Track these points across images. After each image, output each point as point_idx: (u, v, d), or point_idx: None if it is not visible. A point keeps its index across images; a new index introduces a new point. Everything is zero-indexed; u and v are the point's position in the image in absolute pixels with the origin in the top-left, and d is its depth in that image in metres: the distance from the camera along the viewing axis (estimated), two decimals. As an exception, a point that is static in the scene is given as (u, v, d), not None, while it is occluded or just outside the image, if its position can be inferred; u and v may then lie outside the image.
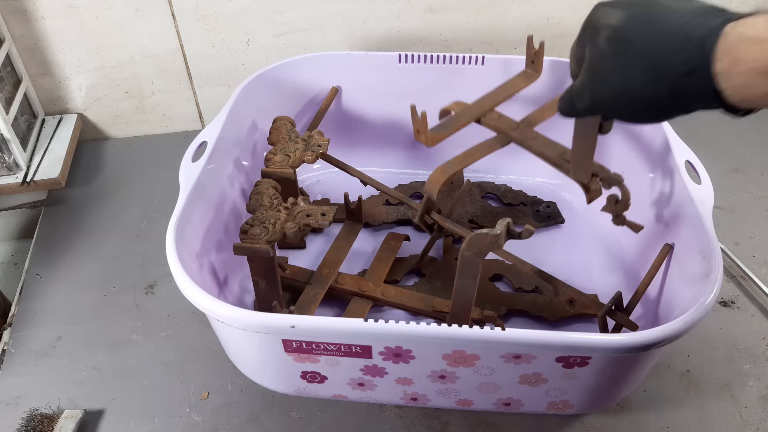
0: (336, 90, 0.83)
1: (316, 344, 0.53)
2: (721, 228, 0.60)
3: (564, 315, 0.68)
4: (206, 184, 0.65)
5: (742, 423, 0.61)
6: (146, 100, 0.94)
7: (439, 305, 0.68)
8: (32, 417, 0.61)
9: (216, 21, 0.88)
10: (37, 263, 0.78)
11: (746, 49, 0.37)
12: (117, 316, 0.72)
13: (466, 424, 0.61)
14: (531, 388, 0.56)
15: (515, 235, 0.54)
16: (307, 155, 0.70)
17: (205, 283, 0.61)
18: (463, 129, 0.69)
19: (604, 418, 0.62)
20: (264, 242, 0.60)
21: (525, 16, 0.94)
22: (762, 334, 0.69)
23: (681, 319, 0.49)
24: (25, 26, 0.84)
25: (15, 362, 0.68)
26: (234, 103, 0.74)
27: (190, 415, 0.62)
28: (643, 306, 0.65)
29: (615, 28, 0.43)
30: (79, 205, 0.86)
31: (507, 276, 0.73)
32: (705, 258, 0.56)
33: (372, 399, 0.61)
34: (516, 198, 0.83)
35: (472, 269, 0.57)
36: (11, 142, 0.81)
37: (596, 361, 0.52)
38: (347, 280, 0.70)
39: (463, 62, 0.80)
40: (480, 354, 0.52)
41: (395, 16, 0.91)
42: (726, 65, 0.37)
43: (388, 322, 0.50)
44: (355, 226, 0.78)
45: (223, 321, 0.52)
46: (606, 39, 0.43)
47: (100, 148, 0.96)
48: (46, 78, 0.90)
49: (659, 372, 0.65)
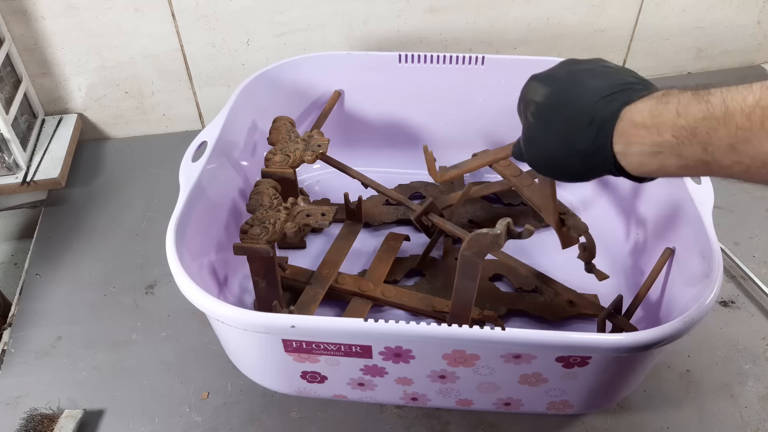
0: (339, 93, 0.83)
1: (316, 344, 0.53)
2: (721, 228, 0.60)
3: (564, 315, 0.68)
4: (206, 184, 0.65)
5: (742, 423, 0.61)
6: (146, 100, 0.94)
7: (439, 305, 0.68)
8: (32, 417, 0.61)
9: (216, 21, 0.88)
10: (37, 263, 0.78)
11: (635, 134, 0.41)
12: (117, 316, 0.72)
13: (466, 424, 0.61)
14: (531, 388, 0.56)
15: (515, 235, 0.54)
16: (307, 155, 0.70)
17: (205, 283, 0.61)
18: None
19: (604, 418, 0.62)
20: (264, 242, 0.60)
21: (525, 16, 0.94)
22: (762, 334, 0.69)
23: (681, 319, 0.49)
24: (25, 26, 0.84)
25: (15, 362, 0.68)
26: (234, 103, 0.74)
27: (190, 415, 0.62)
28: (644, 309, 0.65)
29: (538, 104, 0.47)
30: (79, 205, 0.86)
31: (507, 276, 0.73)
32: (705, 258, 0.56)
33: (372, 399, 0.61)
34: (516, 198, 0.83)
35: (472, 269, 0.57)
36: (11, 142, 0.81)
37: (596, 361, 0.52)
38: (347, 280, 0.70)
39: (463, 62, 0.80)
40: (480, 354, 0.52)
41: (395, 16, 0.91)
42: (621, 147, 0.42)
43: (388, 322, 0.50)
44: (355, 226, 0.78)
45: (223, 321, 0.52)
46: (531, 114, 0.48)
47: (100, 148, 0.96)
48: (46, 78, 0.90)
49: (659, 372, 0.65)
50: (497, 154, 0.73)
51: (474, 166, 0.72)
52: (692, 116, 0.38)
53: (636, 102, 0.41)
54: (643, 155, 0.41)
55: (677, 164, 0.40)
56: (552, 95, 0.47)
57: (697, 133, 0.38)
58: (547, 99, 0.47)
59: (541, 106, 0.47)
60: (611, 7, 0.95)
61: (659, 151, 0.40)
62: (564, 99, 0.46)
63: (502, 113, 0.83)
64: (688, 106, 0.38)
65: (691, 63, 1.06)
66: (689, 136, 0.38)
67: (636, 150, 0.41)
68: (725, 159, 0.37)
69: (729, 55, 1.06)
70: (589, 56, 0.62)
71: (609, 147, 0.42)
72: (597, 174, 0.45)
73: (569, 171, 0.47)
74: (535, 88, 0.48)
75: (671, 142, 0.39)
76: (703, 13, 0.99)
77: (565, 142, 0.45)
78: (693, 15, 0.99)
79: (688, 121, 0.38)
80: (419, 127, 0.86)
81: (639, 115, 0.41)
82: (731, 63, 1.08)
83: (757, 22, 1.02)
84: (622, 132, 0.41)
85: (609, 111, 0.42)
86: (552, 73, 0.49)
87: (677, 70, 1.07)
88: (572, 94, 0.45)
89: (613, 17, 0.96)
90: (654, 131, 0.40)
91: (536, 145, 0.49)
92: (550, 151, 0.47)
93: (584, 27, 0.96)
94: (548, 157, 0.48)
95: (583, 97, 0.44)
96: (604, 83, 0.44)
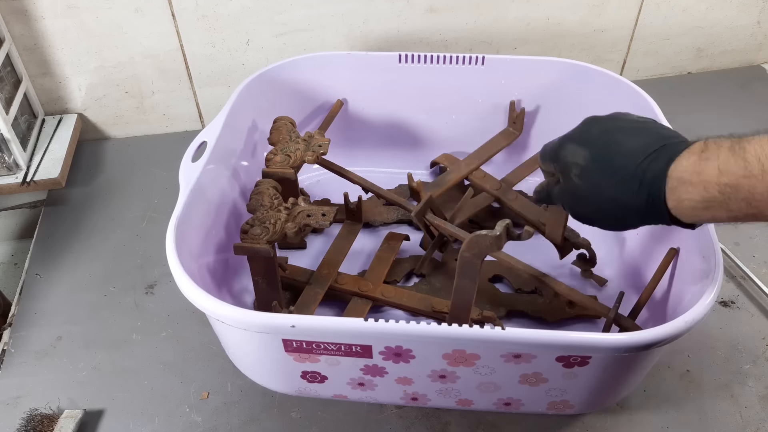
0: (341, 103, 0.83)
1: (317, 344, 0.53)
2: (721, 228, 0.60)
3: (564, 316, 0.68)
4: (206, 184, 0.65)
5: (742, 423, 0.61)
6: (146, 100, 0.94)
7: (439, 305, 0.68)
8: (32, 417, 0.61)
9: (216, 21, 0.88)
10: (37, 263, 0.78)
11: (683, 190, 0.43)
12: (117, 316, 0.72)
13: (466, 424, 0.61)
14: (531, 388, 0.56)
15: (515, 237, 0.54)
16: (307, 155, 0.70)
17: (204, 282, 0.61)
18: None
19: (604, 418, 0.62)
20: (264, 242, 0.60)
21: (525, 16, 0.94)
22: (762, 334, 0.69)
23: (681, 318, 0.49)
24: (25, 26, 0.84)
25: (15, 362, 0.68)
26: (234, 103, 0.74)
27: (190, 415, 0.62)
28: (648, 310, 0.65)
29: (582, 167, 0.49)
30: (79, 205, 0.86)
31: (507, 277, 0.73)
32: (705, 258, 0.56)
33: (372, 399, 0.61)
34: (516, 198, 0.83)
35: (471, 270, 0.57)
36: (11, 142, 0.81)
37: (596, 360, 0.52)
38: (347, 280, 0.70)
39: (463, 62, 0.80)
40: (480, 353, 0.52)
41: (395, 16, 0.91)
42: (673, 203, 0.44)
43: (389, 322, 0.50)
44: (355, 225, 0.78)
45: (223, 321, 0.52)
46: (577, 176, 0.50)
47: (100, 148, 0.96)
48: (46, 78, 0.90)
49: (659, 372, 0.65)
50: (469, 165, 0.78)
51: (454, 180, 0.77)
52: (733, 174, 0.41)
53: (679, 159, 0.44)
54: (695, 210, 0.43)
55: (728, 216, 0.43)
56: (595, 158, 0.49)
57: (740, 190, 0.41)
58: (591, 163, 0.49)
59: (586, 169, 0.49)
60: (611, 7, 0.95)
61: (709, 206, 0.43)
62: (608, 161, 0.48)
63: (502, 113, 0.84)
64: (727, 163, 0.41)
65: (691, 63, 1.06)
66: (733, 192, 0.41)
67: (687, 205, 0.44)
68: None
69: (729, 55, 1.06)
70: (589, 56, 0.63)
71: (663, 205, 0.45)
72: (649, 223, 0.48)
73: (621, 224, 0.50)
74: (575, 151, 0.50)
75: (718, 198, 0.42)
76: (703, 13, 0.99)
77: (618, 202, 0.47)
78: (693, 15, 0.99)
79: (730, 179, 0.41)
80: (419, 127, 0.86)
81: (685, 173, 0.43)
82: (731, 63, 1.08)
83: (757, 22, 1.02)
84: (672, 189, 0.44)
85: (656, 170, 0.45)
86: (585, 135, 0.51)
87: (677, 70, 1.07)
88: (615, 155, 0.47)
89: (613, 17, 0.96)
90: (701, 188, 0.42)
91: (586, 206, 0.51)
92: (603, 210, 0.49)
93: (584, 27, 0.96)
94: (600, 216, 0.51)
95: (628, 159, 0.46)
96: (642, 141, 0.47)
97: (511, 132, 0.84)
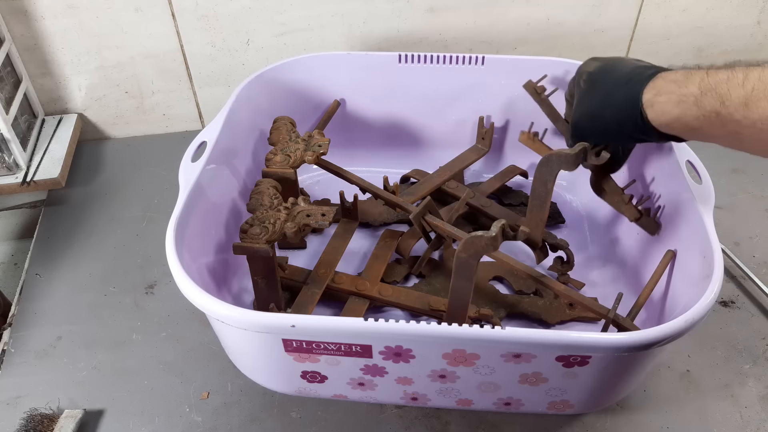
0: (338, 103, 0.83)
1: (317, 344, 0.53)
2: (721, 228, 0.60)
3: (564, 318, 0.68)
4: (206, 184, 0.65)
5: (742, 423, 0.61)
6: (146, 100, 0.94)
7: (436, 303, 0.68)
8: (32, 417, 0.60)
9: (216, 21, 0.88)
10: (37, 263, 0.78)
11: (665, 86, 0.51)
12: (117, 316, 0.72)
13: (466, 424, 0.61)
14: (531, 388, 0.56)
15: (510, 237, 0.54)
16: (307, 155, 0.70)
17: (204, 282, 0.61)
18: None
19: (604, 418, 0.62)
20: (264, 242, 0.60)
21: (525, 16, 0.94)
22: (762, 334, 0.69)
23: (681, 318, 0.49)
24: (25, 26, 0.84)
25: (15, 362, 0.68)
26: (234, 103, 0.74)
27: (190, 415, 0.62)
28: (647, 310, 0.65)
29: (590, 73, 0.61)
30: (79, 205, 0.86)
31: (507, 279, 0.73)
32: (705, 258, 0.56)
33: (372, 399, 0.61)
34: (516, 198, 0.83)
35: (467, 270, 0.57)
36: (11, 142, 0.81)
37: (596, 360, 0.52)
38: (344, 279, 0.70)
39: (463, 62, 0.80)
40: (480, 353, 0.52)
41: (395, 16, 0.91)
42: (650, 96, 0.52)
43: (389, 322, 0.50)
44: (351, 224, 0.78)
45: (223, 321, 0.52)
46: (584, 81, 0.61)
47: (100, 148, 0.96)
48: (46, 78, 0.90)
49: (659, 372, 0.65)
50: (441, 176, 0.81)
51: (427, 190, 0.79)
52: (717, 77, 0.48)
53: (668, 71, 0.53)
54: (667, 104, 0.51)
55: (695, 114, 0.49)
56: (601, 66, 0.60)
57: (718, 88, 0.47)
58: (598, 69, 0.60)
59: (592, 74, 0.60)
60: (611, 7, 0.95)
61: (682, 101, 0.49)
62: (611, 68, 0.58)
63: (502, 113, 0.84)
64: (715, 72, 0.48)
65: (691, 63, 1.06)
66: (711, 89, 0.48)
67: (662, 99, 0.51)
68: (737, 113, 0.46)
69: (729, 55, 1.06)
70: (589, 56, 0.64)
71: (639, 96, 0.53)
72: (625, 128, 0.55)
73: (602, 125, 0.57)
74: (589, 63, 0.62)
75: (695, 93, 0.49)
76: (703, 13, 0.99)
77: (605, 97, 0.57)
78: (693, 15, 0.99)
79: (712, 79, 0.48)
80: (419, 127, 0.86)
81: (673, 74, 0.52)
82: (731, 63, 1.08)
83: (757, 22, 1.02)
84: (653, 85, 0.52)
85: (646, 74, 0.53)
86: (602, 57, 0.62)
87: (677, 70, 1.07)
88: (618, 65, 0.58)
89: (613, 17, 0.96)
90: (682, 85, 0.50)
91: (582, 105, 0.60)
92: (592, 106, 0.58)
93: (584, 27, 0.96)
94: (588, 112, 0.59)
95: (627, 67, 0.57)
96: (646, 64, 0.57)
97: (479, 148, 0.85)
